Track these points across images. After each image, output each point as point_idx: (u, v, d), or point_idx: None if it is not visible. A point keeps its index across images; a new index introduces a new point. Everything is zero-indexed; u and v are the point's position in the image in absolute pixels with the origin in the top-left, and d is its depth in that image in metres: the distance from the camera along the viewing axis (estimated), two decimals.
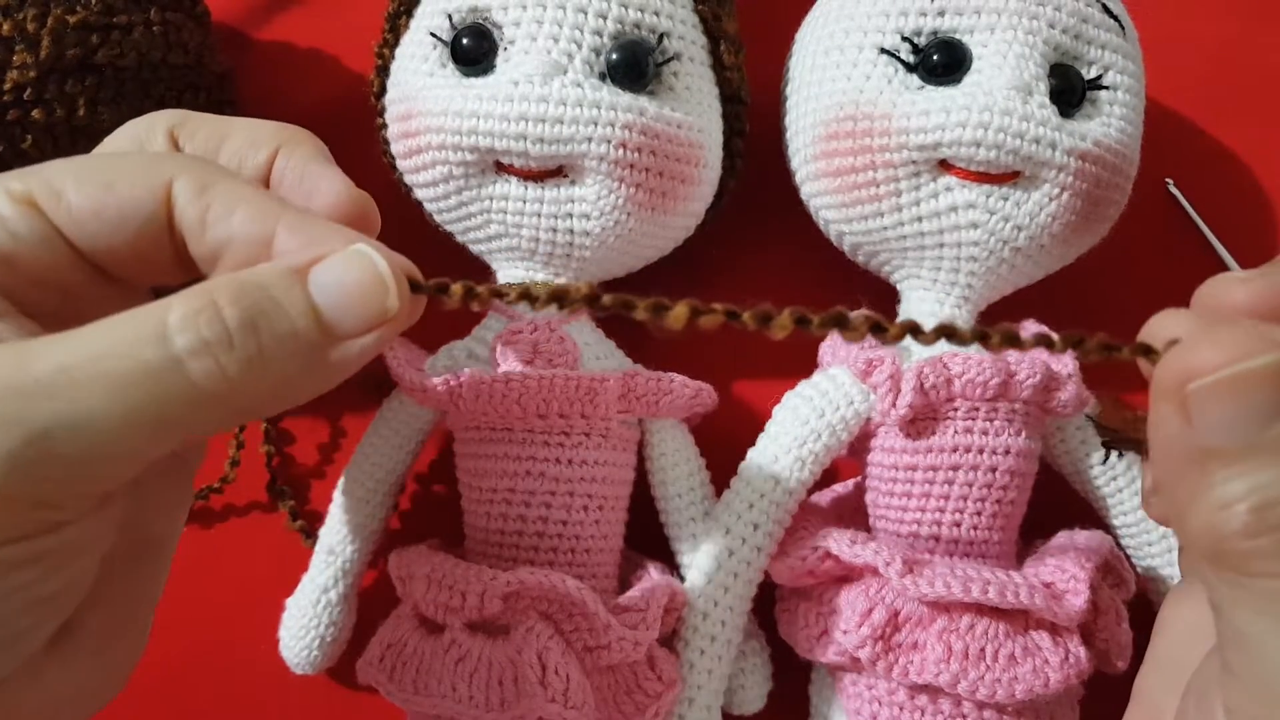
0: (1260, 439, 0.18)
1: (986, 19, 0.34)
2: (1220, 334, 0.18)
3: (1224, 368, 0.18)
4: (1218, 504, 0.18)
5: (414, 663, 0.31)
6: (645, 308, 0.21)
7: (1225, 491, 0.18)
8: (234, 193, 0.22)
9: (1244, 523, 0.18)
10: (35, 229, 0.21)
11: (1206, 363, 0.18)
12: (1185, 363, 0.18)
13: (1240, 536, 0.18)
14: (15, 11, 0.32)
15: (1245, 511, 0.18)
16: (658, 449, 0.36)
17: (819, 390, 0.35)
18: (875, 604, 0.32)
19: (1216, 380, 0.18)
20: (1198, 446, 0.18)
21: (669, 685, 0.33)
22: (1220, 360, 0.18)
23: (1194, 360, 0.18)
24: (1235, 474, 0.18)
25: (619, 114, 0.32)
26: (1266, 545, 0.18)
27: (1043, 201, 0.33)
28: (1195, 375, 0.18)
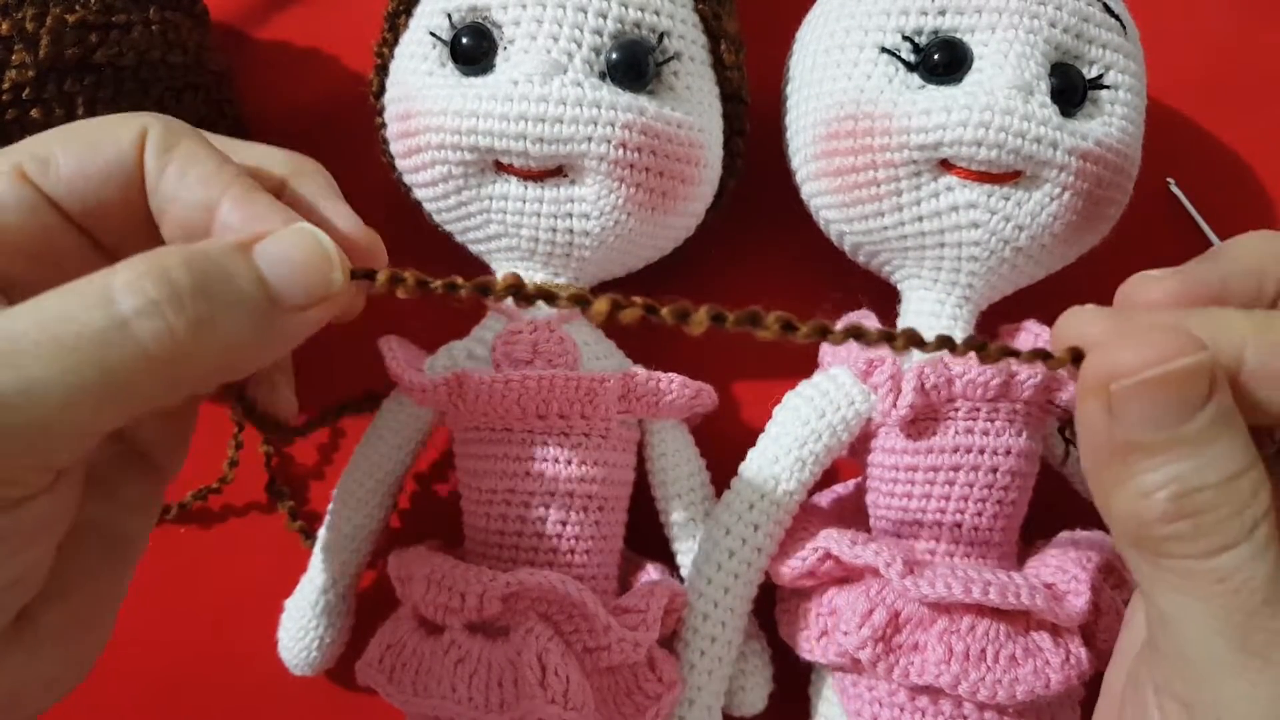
0: (1178, 433, 0.19)
1: (987, 18, 0.34)
2: (1141, 335, 0.20)
3: (1145, 369, 0.19)
4: (1139, 492, 0.20)
5: (413, 664, 0.31)
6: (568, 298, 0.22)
7: (1146, 481, 0.20)
8: (193, 154, 0.23)
9: (1163, 510, 0.20)
10: (24, 197, 0.22)
11: (1129, 364, 0.20)
12: (1109, 364, 0.20)
13: (1160, 522, 0.20)
14: (14, 11, 0.32)
15: (1164, 499, 0.19)
16: (658, 449, 0.36)
17: (819, 390, 0.35)
18: (876, 605, 0.32)
19: (1138, 382, 0.19)
20: (1121, 440, 0.20)
21: (669, 686, 0.32)
22: (1141, 362, 0.19)
23: (1117, 360, 0.20)
24: (1155, 465, 0.20)
25: (619, 113, 0.32)
26: (1184, 529, 0.19)
27: (1044, 201, 0.33)
28: (1118, 376, 0.20)
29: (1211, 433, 0.19)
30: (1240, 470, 0.19)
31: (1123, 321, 0.21)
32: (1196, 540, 0.19)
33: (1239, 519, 0.19)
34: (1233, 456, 0.19)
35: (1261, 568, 0.19)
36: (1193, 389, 0.19)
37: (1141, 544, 0.20)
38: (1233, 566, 0.19)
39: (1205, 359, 0.19)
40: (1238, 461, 0.19)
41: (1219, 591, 0.19)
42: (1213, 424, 0.19)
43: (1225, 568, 0.19)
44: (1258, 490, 0.19)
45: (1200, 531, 0.19)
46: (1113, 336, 0.21)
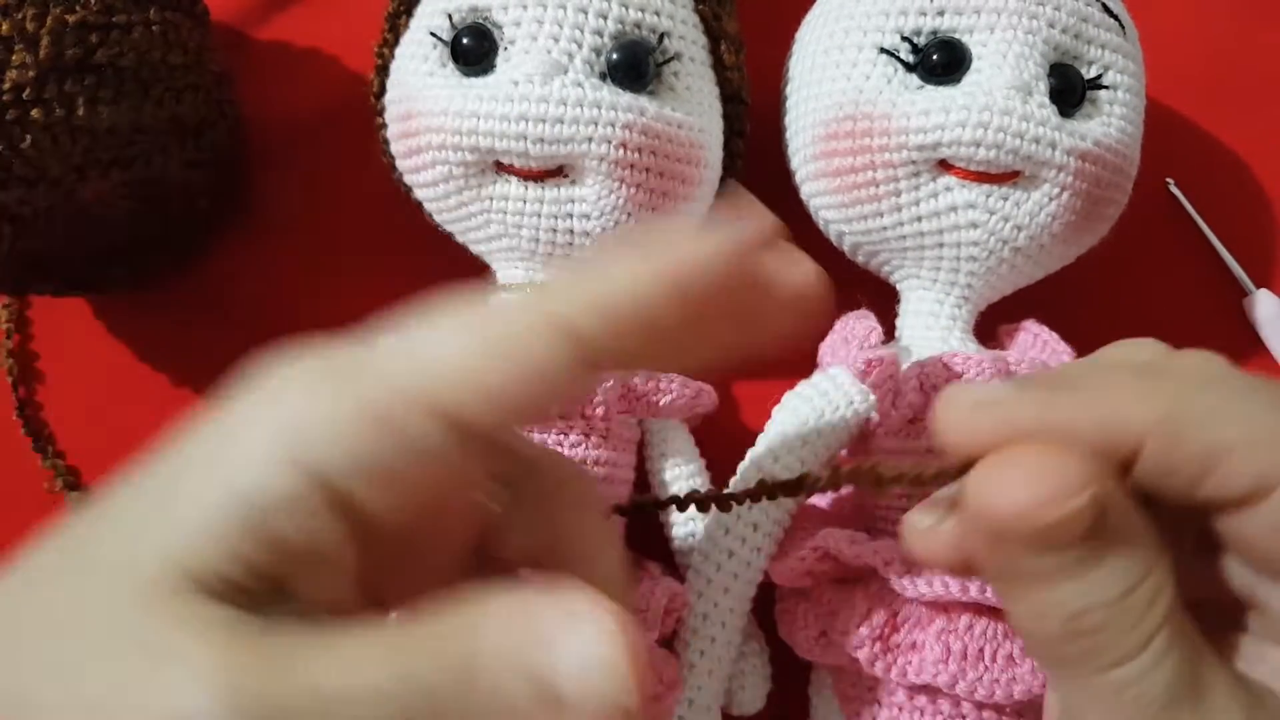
0: (1060, 561, 0.19)
1: (986, 18, 0.34)
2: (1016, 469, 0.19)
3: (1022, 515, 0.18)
4: (1032, 614, 0.19)
5: None
6: None
7: (1036, 604, 0.19)
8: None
9: (1054, 633, 0.19)
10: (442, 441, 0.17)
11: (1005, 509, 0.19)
12: (997, 502, 0.19)
13: (1056, 641, 0.19)
14: (14, 11, 0.32)
15: (1059, 622, 0.19)
16: (658, 449, 0.36)
17: (819, 390, 0.35)
18: (874, 604, 0.32)
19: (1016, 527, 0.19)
20: (1010, 566, 0.19)
21: (669, 687, 0.32)
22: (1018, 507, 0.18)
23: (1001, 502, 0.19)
24: (1045, 589, 0.19)
25: (619, 114, 0.32)
26: (1080, 649, 0.19)
27: (1043, 201, 0.33)
28: (1004, 516, 0.19)
29: (1099, 555, 0.19)
30: (1133, 585, 0.19)
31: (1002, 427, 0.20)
32: (1091, 659, 0.19)
33: (1133, 634, 0.18)
34: (1125, 573, 0.19)
35: (1160, 677, 0.18)
36: (1072, 528, 0.18)
37: (1041, 659, 0.21)
38: (1129, 679, 0.19)
39: (1090, 499, 0.18)
40: (1131, 576, 0.19)
41: (1118, 702, 0.19)
42: (1100, 547, 0.19)
43: (1123, 680, 0.19)
44: (1154, 599, 0.19)
45: (1094, 650, 0.19)
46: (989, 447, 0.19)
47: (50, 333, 0.43)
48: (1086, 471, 0.18)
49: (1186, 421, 0.19)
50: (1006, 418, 0.20)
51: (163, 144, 0.37)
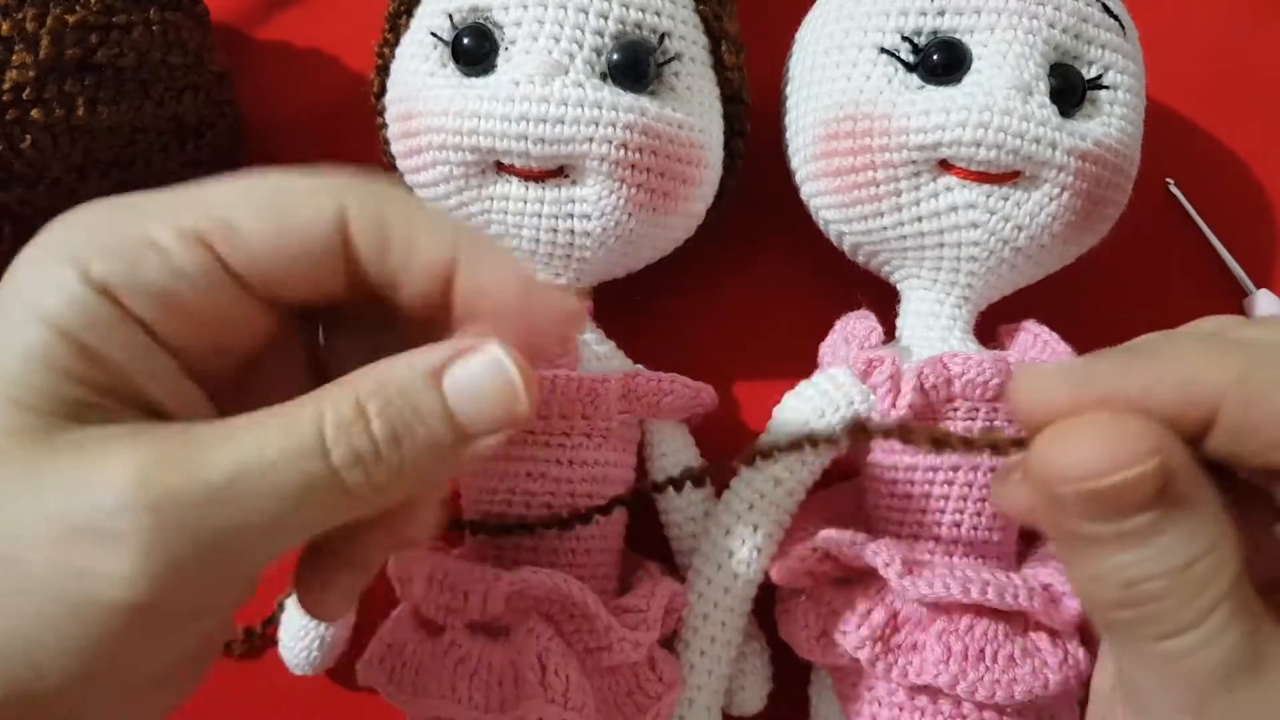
0: (1123, 528, 0.19)
1: (986, 18, 0.34)
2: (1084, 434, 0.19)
3: (1084, 479, 0.19)
4: (1090, 576, 0.20)
5: (414, 664, 0.31)
6: None
7: (1098, 567, 0.20)
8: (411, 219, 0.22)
9: (1113, 596, 0.20)
10: (205, 268, 0.20)
11: (1070, 472, 0.19)
12: (1060, 467, 0.19)
13: (1111, 607, 0.20)
14: (14, 11, 0.32)
15: (1115, 586, 0.19)
16: (658, 449, 0.36)
17: (819, 390, 0.35)
18: (874, 604, 0.32)
19: (1078, 491, 0.19)
20: (1069, 530, 0.20)
21: (670, 686, 0.33)
22: (1083, 470, 0.19)
23: (1058, 468, 0.19)
24: (1103, 554, 0.19)
25: (620, 114, 0.32)
26: (1135, 616, 0.19)
27: (1043, 201, 0.33)
28: (1071, 479, 0.19)
29: (1161, 525, 0.19)
30: (1195, 558, 0.19)
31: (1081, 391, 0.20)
32: (1147, 625, 0.19)
33: (1191, 606, 0.19)
34: (1186, 545, 0.19)
35: (1216, 651, 0.19)
36: (1136, 495, 0.19)
37: (1099, 621, 0.21)
38: (1185, 650, 0.19)
39: (1153, 468, 0.18)
40: (1192, 549, 0.19)
41: (1173, 672, 0.19)
42: (1163, 517, 0.19)
43: (1176, 651, 0.19)
44: (1216, 573, 0.19)
45: (1151, 618, 0.19)
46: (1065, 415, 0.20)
47: None
48: (1154, 438, 0.19)
49: (1263, 382, 0.19)
50: (1083, 384, 0.20)
51: (163, 144, 0.37)
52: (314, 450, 0.19)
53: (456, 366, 0.21)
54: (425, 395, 0.21)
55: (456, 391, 0.21)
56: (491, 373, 0.21)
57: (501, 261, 0.22)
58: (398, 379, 0.21)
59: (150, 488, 0.18)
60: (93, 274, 0.19)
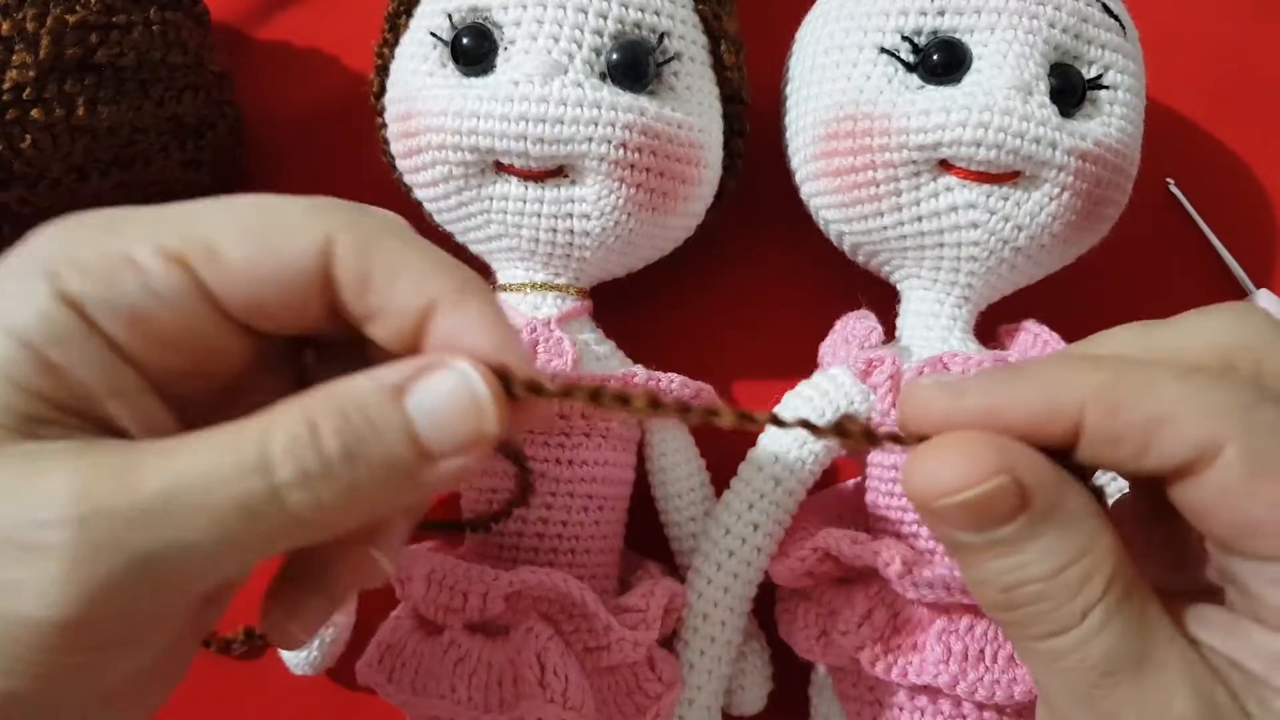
0: (993, 538, 0.20)
1: (986, 18, 0.34)
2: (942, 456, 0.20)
3: (946, 495, 0.20)
4: (975, 581, 0.21)
5: (413, 664, 0.31)
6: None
7: (978, 573, 0.21)
8: (397, 258, 0.21)
9: (994, 599, 0.21)
10: (182, 289, 0.20)
11: (932, 489, 0.20)
12: (921, 483, 0.20)
13: (995, 609, 0.21)
14: (14, 11, 0.32)
15: (996, 591, 0.21)
16: (658, 449, 0.36)
17: (819, 390, 0.35)
18: (875, 605, 0.32)
19: (949, 504, 0.20)
20: (948, 539, 0.21)
21: (669, 686, 0.33)
22: (943, 487, 0.20)
23: (921, 486, 0.20)
24: (980, 561, 0.21)
25: (619, 114, 0.32)
26: (1015, 618, 0.21)
27: (1043, 201, 0.33)
28: (932, 495, 0.20)
29: (1029, 533, 0.20)
30: (1067, 562, 0.20)
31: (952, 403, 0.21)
32: (1028, 627, 0.20)
33: (1066, 608, 0.20)
34: (1057, 550, 0.20)
35: (1095, 648, 0.20)
36: (999, 505, 0.20)
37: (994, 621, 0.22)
38: (1066, 649, 0.20)
39: (1001, 484, 0.19)
40: (1064, 554, 0.20)
41: (1059, 669, 0.20)
42: (1028, 526, 0.20)
43: (1059, 650, 0.20)
44: (1090, 575, 0.20)
45: (1031, 620, 0.20)
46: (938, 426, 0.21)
47: None
48: (1005, 454, 0.20)
49: (1124, 390, 0.20)
50: (956, 398, 0.21)
51: (163, 144, 0.37)
52: (254, 467, 0.19)
53: (421, 383, 0.20)
54: (384, 411, 0.20)
55: (419, 409, 0.20)
56: (458, 390, 0.20)
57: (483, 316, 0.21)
58: (356, 395, 0.20)
59: (83, 502, 0.18)
60: (65, 289, 0.19)
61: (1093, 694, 0.20)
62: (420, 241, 0.22)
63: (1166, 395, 0.19)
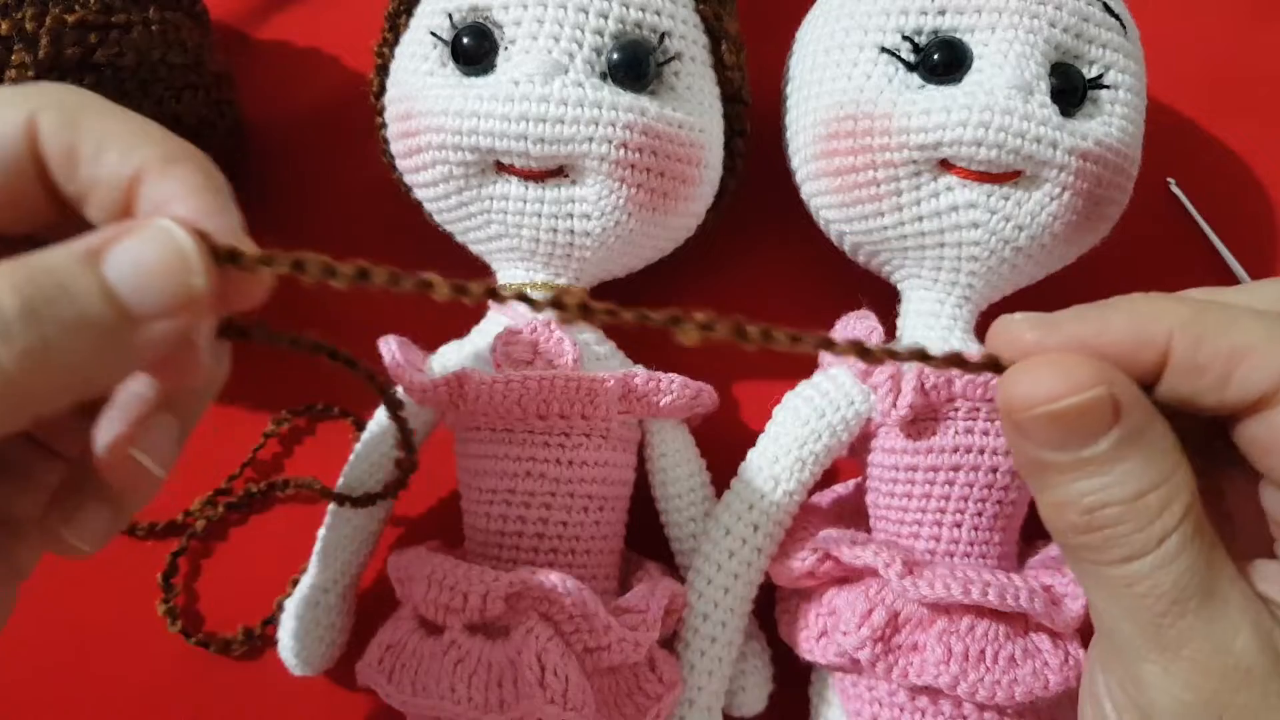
0: (1081, 455, 0.21)
1: (987, 18, 0.34)
2: (1044, 366, 0.21)
3: (1042, 404, 0.20)
4: (1054, 503, 0.21)
5: (413, 664, 0.31)
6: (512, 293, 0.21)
7: (1060, 494, 0.21)
8: (102, 129, 0.21)
9: (1073, 521, 0.21)
10: None
11: (1027, 398, 0.21)
12: (1010, 397, 0.21)
13: (1073, 532, 0.21)
14: (14, 11, 0.32)
15: (1076, 513, 0.21)
16: (658, 450, 0.36)
17: (819, 390, 0.35)
18: (875, 605, 0.32)
19: (1042, 413, 0.21)
20: (1033, 457, 0.21)
21: (670, 687, 0.32)
22: (1039, 396, 0.21)
23: (1017, 395, 0.21)
24: (1064, 481, 0.21)
25: (620, 114, 0.32)
26: (1093, 540, 0.21)
27: (1044, 201, 0.33)
28: (1020, 408, 0.21)
29: (1116, 454, 0.20)
30: (1148, 487, 0.20)
31: (1045, 334, 0.22)
32: (1105, 550, 0.21)
33: (1144, 533, 0.20)
34: (1141, 474, 0.20)
35: (1168, 575, 0.20)
36: (1092, 419, 0.20)
37: (1063, 547, 0.22)
38: (1139, 575, 0.20)
39: (1099, 395, 0.20)
40: (1146, 479, 0.20)
41: (1129, 594, 0.21)
42: (1117, 446, 0.20)
43: (1132, 575, 0.20)
44: (1169, 503, 0.20)
45: (1108, 543, 0.21)
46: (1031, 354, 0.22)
47: None
48: (1102, 371, 0.20)
49: (1209, 323, 0.20)
50: (1047, 330, 0.22)
51: None
52: None
53: (120, 243, 0.19)
54: (74, 272, 0.19)
55: (118, 267, 0.19)
56: (159, 244, 0.19)
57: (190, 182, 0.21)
58: (45, 259, 0.19)
59: None
60: None
61: (1160, 623, 0.20)
62: (127, 113, 0.22)
63: (1249, 329, 0.20)
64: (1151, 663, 0.21)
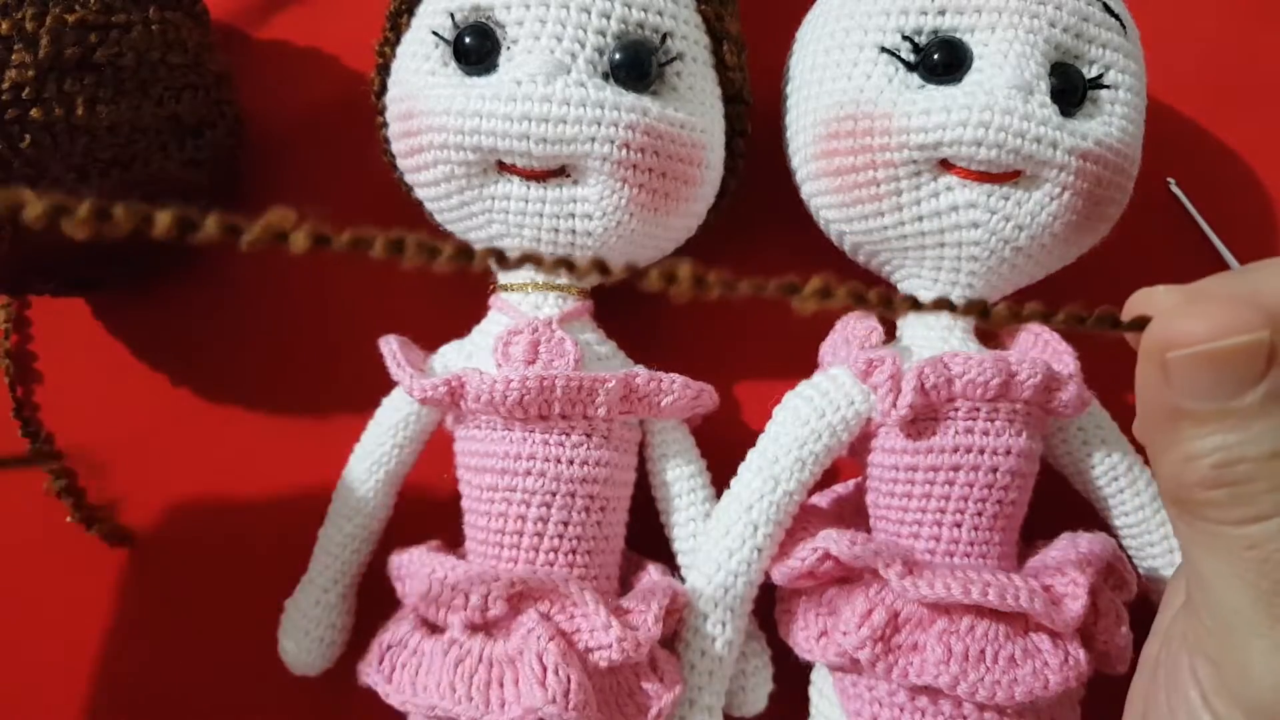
0: (1228, 406, 0.20)
1: (987, 18, 0.34)
2: (1203, 307, 0.20)
3: (1201, 342, 0.20)
4: (1185, 456, 0.21)
5: (413, 664, 0.31)
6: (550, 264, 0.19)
7: (1193, 447, 0.20)
8: None
9: (1203, 476, 0.20)
10: None
11: (1187, 335, 0.20)
12: (1168, 332, 0.20)
13: (1200, 487, 0.20)
14: (14, 10, 0.32)
15: (1208, 466, 0.20)
16: (658, 449, 0.36)
17: (819, 390, 0.35)
18: (875, 605, 0.32)
19: (1193, 353, 0.20)
20: (1174, 405, 0.20)
21: (670, 687, 0.32)
22: (1199, 334, 0.20)
23: (1176, 330, 0.20)
24: (1202, 433, 0.20)
25: (622, 114, 0.32)
26: (1221, 496, 0.20)
27: (1044, 201, 0.33)
28: (1176, 345, 0.20)
29: (1261, 409, 0.20)
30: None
31: (1194, 291, 0.21)
32: (1232, 508, 0.20)
33: (1275, 494, 0.20)
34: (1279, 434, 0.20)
35: None
36: (1246, 366, 0.20)
37: (1182, 505, 0.21)
38: (1264, 536, 0.20)
39: (1261, 338, 0.19)
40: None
41: (1249, 558, 0.20)
42: (1263, 400, 0.20)
43: (1256, 536, 0.20)
44: None
45: (1236, 500, 0.20)
46: (1180, 305, 0.21)
47: (49, 333, 0.43)
48: (1265, 315, 0.20)
49: None
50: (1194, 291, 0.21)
51: (163, 144, 0.37)
52: None
53: None
54: None
55: None
56: None
57: None
58: None
59: None
60: None
61: (1276, 590, 0.20)
62: None
63: None
64: (1262, 637, 0.20)
